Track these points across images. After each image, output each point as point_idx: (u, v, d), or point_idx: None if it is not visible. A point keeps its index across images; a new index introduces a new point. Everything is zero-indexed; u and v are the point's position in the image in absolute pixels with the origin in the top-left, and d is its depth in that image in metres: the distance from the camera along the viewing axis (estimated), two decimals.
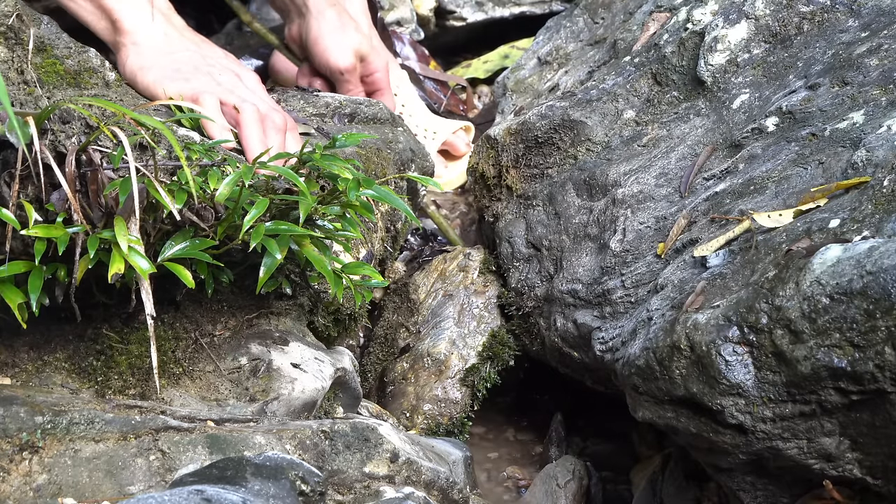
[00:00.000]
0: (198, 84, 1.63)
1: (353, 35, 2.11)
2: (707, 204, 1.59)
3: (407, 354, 1.96)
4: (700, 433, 1.33)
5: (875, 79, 1.55)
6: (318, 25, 2.09)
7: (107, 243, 1.25)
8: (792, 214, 1.41)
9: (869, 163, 1.39)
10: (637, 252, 1.65)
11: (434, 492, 1.42)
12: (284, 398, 1.43)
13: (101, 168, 1.30)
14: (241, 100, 1.63)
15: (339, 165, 1.40)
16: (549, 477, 1.78)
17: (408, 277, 2.09)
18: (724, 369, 1.27)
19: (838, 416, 1.23)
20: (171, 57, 1.66)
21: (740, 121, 1.72)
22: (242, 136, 1.61)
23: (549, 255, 1.85)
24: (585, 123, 1.91)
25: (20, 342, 1.41)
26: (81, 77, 1.52)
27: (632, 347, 1.44)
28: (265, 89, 1.76)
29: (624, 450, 1.87)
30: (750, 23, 1.82)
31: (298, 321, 1.60)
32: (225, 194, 1.30)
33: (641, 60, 1.95)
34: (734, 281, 1.37)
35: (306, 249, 1.41)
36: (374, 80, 2.15)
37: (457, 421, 1.89)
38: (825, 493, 1.29)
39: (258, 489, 1.14)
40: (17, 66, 1.42)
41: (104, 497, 1.23)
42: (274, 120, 1.64)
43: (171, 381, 1.42)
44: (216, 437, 1.29)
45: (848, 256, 1.20)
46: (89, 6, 1.66)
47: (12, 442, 1.23)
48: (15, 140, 1.23)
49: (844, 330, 1.18)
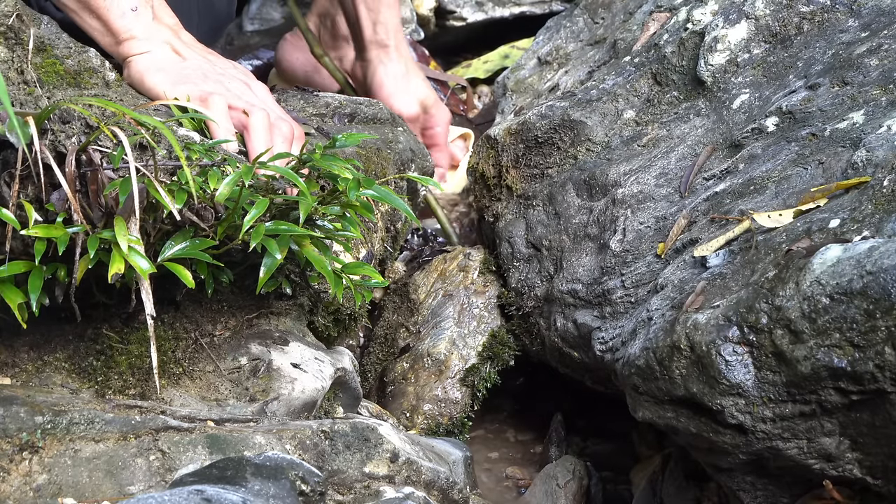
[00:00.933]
0: (207, 87, 1.63)
1: (419, 85, 2.14)
2: (707, 204, 1.59)
3: (407, 354, 1.96)
4: (700, 433, 1.33)
5: (875, 79, 1.56)
6: (384, 70, 2.11)
7: (107, 243, 1.25)
8: (792, 214, 1.41)
9: (869, 163, 1.39)
10: (637, 252, 1.65)
11: (434, 492, 1.42)
12: (284, 398, 1.43)
13: (101, 168, 1.30)
14: (250, 105, 1.63)
15: (339, 165, 1.40)
16: (549, 477, 1.78)
17: (408, 277, 2.09)
18: (724, 369, 1.27)
19: (838, 416, 1.23)
20: (180, 65, 1.66)
21: (740, 121, 1.72)
22: (249, 141, 1.60)
23: (549, 255, 1.85)
24: (585, 123, 1.91)
25: (20, 342, 1.41)
26: (81, 77, 1.52)
27: (632, 347, 1.44)
28: (274, 99, 1.75)
29: (624, 450, 1.87)
30: (750, 23, 1.82)
31: (298, 321, 1.60)
32: (225, 194, 1.30)
33: (641, 60, 1.95)
34: (734, 281, 1.37)
35: (306, 249, 1.41)
36: (434, 135, 2.18)
37: (457, 421, 1.89)
38: (825, 493, 1.29)
39: (258, 489, 1.14)
40: (17, 66, 1.42)
41: (104, 497, 1.23)
42: (281, 129, 1.64)
43: (171, 381, 1.42)
44: (216, 437, 1.29)
45: (848, 256, 1.20)
46: (97, 24, 1.66)
47: (12, 442, 1.23)
48: (15, 140, 1.23)
49: (844, 330, 1.18)
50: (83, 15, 1.66)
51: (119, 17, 1.64)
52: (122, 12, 1.64)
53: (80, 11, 1.65)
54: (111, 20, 1.64)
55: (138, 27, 1.65)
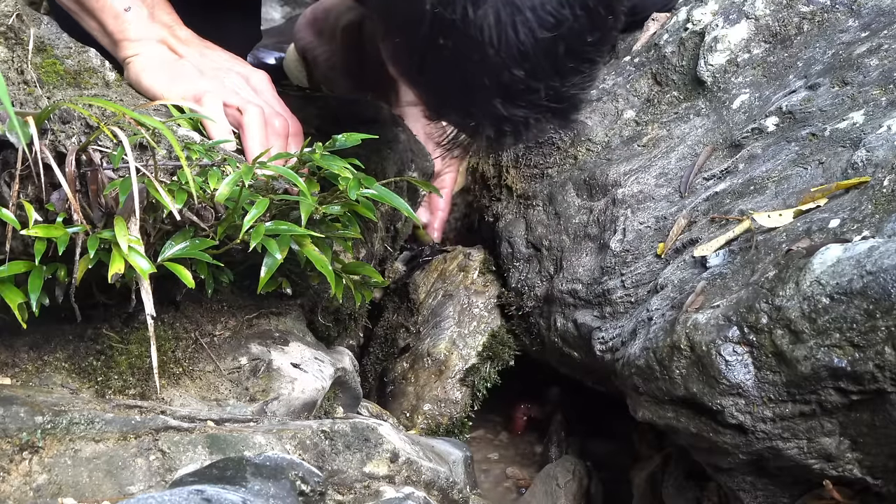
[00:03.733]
0: (202, 85, 1.62)
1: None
2: (707, 204, 1.59)
3: (407, 354, 1.96)
4: (700, 433, 1.33)
5: (875, 79, 1.55)
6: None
7: (107, 243, 1.25)
8: (792, 214, 1.41)
9: (869, 163, 1.39)
10: (637, 252, 1.65)
11: (434, 492, 1.42)
12: (284, 398, 1.43)
13: (101, 168, 1.30)
14: (245, 101, 1.62)
15: (339, 165, 1.40)
16: (549, 477, 1.78)
17: (408, 277, 2.09)
18: (724, 369, 1.27)
19: (838, 416, 1.23)
20: (176, 64, 1.65)
21: (740, 121, 1.72)
22: (244, 139, 1.60)
23: (549, 255, 1.85)
24: (585, 123, 1.91)
25: (20, 342, 1.41)
26: (81, 77, 1.52)
27: (632, 347, 1.44)
28: (274, 90, 1.74)
29: (624, 450, 1.87)
30: (750, 23, 1.82)
31: (298, 321, 1.60)
32: (225, 194, 1.30)
33: (641, 60, 1.95)
34: (734, 281, 1.37)
35: (307, 249, 1.41)
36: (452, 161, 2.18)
37: (457, 421, 1.89)
38: (825, 493, 1.29)
39: (258, 489, 1.13)
40: (17, 66, 1.42)
41: (104, 497, 1.23)
42: (274, 125, 1.63)
43: (171, 381, 1.42)
44: (216, 437, 1.29)
45: (848, 256, 1.20)
46: (95, 25, 1.65)
47: (12, 442, 1.23)
48: (15, 140, 1.22)
49: (844, 330, 1.18)
50: (83, 16, 1.66)
51: (113, 18, 1.63)
52: (116, 13, 1.63)
53: (80, 13, 1.65)
54: (106, 22, 1.64)
55: (132, 28, 1.64)
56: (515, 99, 1.36)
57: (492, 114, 1.38)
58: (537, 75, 1.34)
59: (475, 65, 1.32)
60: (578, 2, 1.32)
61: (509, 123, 1.39)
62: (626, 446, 1.87)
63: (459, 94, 1.38)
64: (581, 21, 1.33)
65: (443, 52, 1.32)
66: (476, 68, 1.33)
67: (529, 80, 1.34)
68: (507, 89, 1.34)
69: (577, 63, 1.37)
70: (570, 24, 1.31)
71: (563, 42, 1.32)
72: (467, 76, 1.34)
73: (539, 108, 1.38)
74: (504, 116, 1.37)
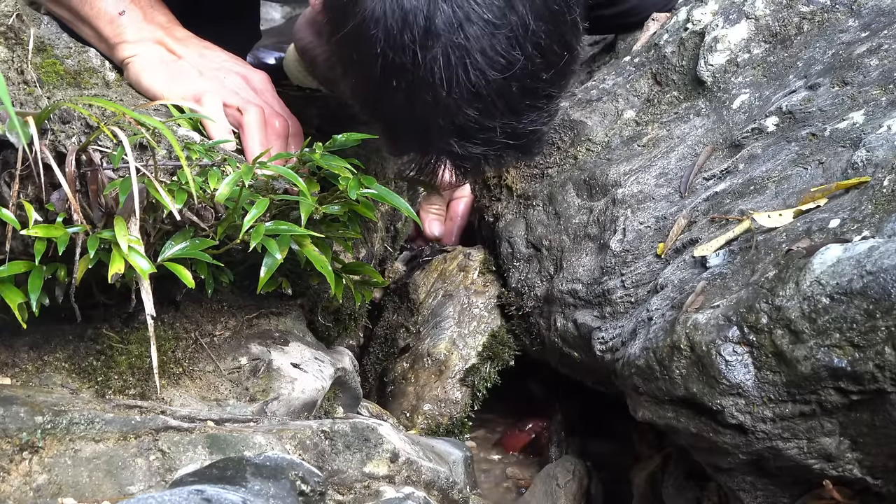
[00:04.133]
0: (201, 85, 1.62)
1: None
2: (707, 204, 1.59)
3: (407, 354, 1.96)
4: (700, 433, 1.33)
5: (875, 79, 1.55)
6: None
7: (107, 243, 1.25)
8: (792, 214, 1.41)
9: (869, 163, 1.39)
10: (637, 252, 1.65)
11: (434, 492, 1.42)
12: (284, 398, 1.43)
13: (101, 168, 1.30)
14: (244, 101, 1.62)
15: (339, 165, 1.40)
16: (549, 477, 1.78)
17: (408, 277, 2.09)
18: (724, 369, 1.27)
19: (838, 416, 1.23)
20: (174, 64, 1.65)
21: (740, 121, 1.72)
22: (244, 139, 1.60)
23: (549, 255, 1.85)
24: (585, 123, 1.91)
25: (20, 342, 1.41)
26: (81, 77, 1.52)
27: (632, 347, 1.44)
28: (274, 90, 1.74)
29: (624, 450, 1.87)
30: (750, 23, 1.82)
31: (298, 321, 1.60)
32: (225, 194, 1.30)
33: (641, 60, 1.95)
34: (734, 281, 1.37)
35: (307, 249, 1.41)
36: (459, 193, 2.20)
37: (457, 421, 1.89)
38: (825, 493, 1.29)
39: (258, 489, 1.14)
40: (17, 66, 1.42)
41: (104, 497, 1.23)
42: (274, 125, 1.63)
43: (171, 381, 1.42)
44: (216, 437, 1.29)
45: (848, 256, 1.20)
46: (90, 31, 1.65)
47: (12, 442, 1.23)
48: (15, 140, 1.23)
49: (844, 330, 1.18)
50: (77, 24, 1.66)
51: (108, 23, 1.63)
52: (110, 18, 1.63)
53: (75, 21, 1.65)
54: (100, 27, 1.64)
55: (128, 31, 1.64)
56: (471, 138, 1.35)
57: (448, 151, 1.37)
58: (492, 115, 1.33)
59: (428, 105, 1.32)
60: (531, 41, 1.30)
61: (467, 160, 1.39)
62: (626, 446, 1.87)
63: (415, 132, 1.38)
64: (534, 60, 1.32)
65: (396, 93, 1.32)
66: (429, 108, 1.32)
67: (484, 120, 1.33)
68: (461, 129, 1.34)
69: (534, 100, 1.36)
70: (523, 65, 1.30)
71: (516, 82, 1.31)
72: (421, 116, 1.34)
73: (496, 145, 1.37)
74: (461, 154, 1.37)
